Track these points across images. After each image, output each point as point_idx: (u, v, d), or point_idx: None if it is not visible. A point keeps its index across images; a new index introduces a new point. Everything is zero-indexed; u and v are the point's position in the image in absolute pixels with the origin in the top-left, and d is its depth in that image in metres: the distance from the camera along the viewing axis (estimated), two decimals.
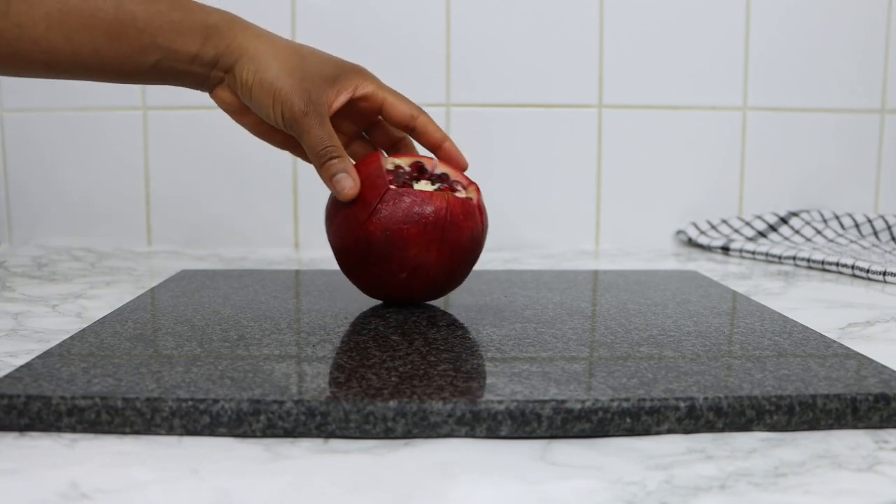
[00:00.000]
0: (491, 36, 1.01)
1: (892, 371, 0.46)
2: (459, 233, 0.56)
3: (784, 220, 1.01)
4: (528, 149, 1.03)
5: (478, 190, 0.60)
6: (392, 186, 0.56)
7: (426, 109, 0.63)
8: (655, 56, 1.03)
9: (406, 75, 1.01)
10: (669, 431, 0.41)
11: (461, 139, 1.02)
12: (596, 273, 0.78)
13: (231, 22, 0.59)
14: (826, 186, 1.07)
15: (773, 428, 0.41)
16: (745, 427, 0.41)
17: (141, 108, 1.01)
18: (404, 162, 0.60)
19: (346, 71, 0.60)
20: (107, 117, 1.01)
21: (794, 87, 1.05)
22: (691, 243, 1.02)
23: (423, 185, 0.59)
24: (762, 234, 1.01)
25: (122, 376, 0.44)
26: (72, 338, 0.52)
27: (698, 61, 1.03)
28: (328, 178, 0.57)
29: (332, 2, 1.00)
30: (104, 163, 1.02)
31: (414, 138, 0.63)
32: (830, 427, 0.41)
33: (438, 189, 0.59)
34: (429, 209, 0.55)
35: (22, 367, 0.45)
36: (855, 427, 0.42)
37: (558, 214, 1.04)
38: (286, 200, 1.02)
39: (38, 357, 0.47)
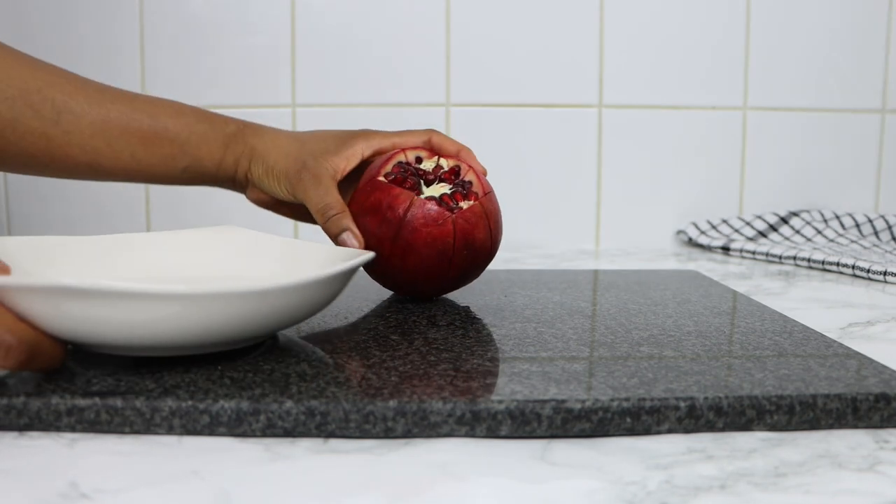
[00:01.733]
0: (491, 36, 1.01)
1: (893, 371, 0.46)
2: (474, 243, 0.59)
3: (784, 220, 1.01)
4: (528, 149, 1.03)
5: (485, 195, 0.61)
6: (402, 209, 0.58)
7: (426, 109, 0.64)
8: (655, 56, 1.03)
9: (406, 75, 1.01)
10: (670, 431, 0.41)
11: (461, 139, 1.02)
12: (596, 273, 0.78)
13: (245, 128, 0.66)
14: (826, 186, 1.07)
15: (773, 428, 0.41)
16: (746, 427, 0.41)
17: None
18: (425, 159, 0.63)
19: (350, 138, 0.64)
20: None
21: (794, 87, 1.05)
22: (691, 243, 1.02)
23: (433, 190, 0.61)
24: (762, 234, 1.01)
25: (121, 376, 0.43)
26: None
27: (698, 61, 1.03)
28: (334, 238, 0.60)
29: (332, 2, 1.00)
30: None
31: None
32: (831, 427, 0.41)
33: (443, 201, 0.60)
34: (440, 239, 0.58)
35: None
36: (855, 427, 0.42)
37: (558, 214, 1.04)
38: None
39: None
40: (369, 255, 0.53)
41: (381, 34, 1.01)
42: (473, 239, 0.58)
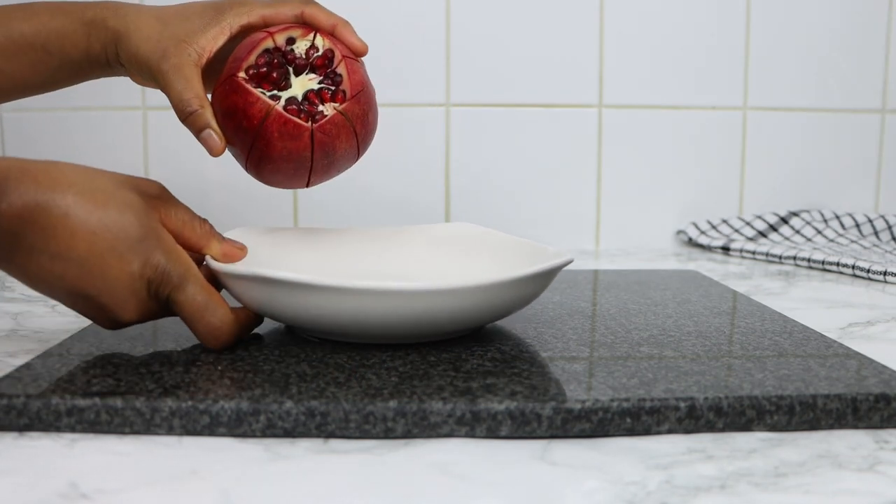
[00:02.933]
0: (491, 36, 1.01)
1: (893, 371, 0.46)
2: (333, 154, 0.56)
3: (784, 220, 1.01)
4: (528, 149, 1.03)
5: (353, 96, 0.57)
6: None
7: (426, 109, 0.63)
8: (655, 56, 1.03)
9: (406, 75, 1.01)
10: (669, 431, 0.41)
11: (461, 139, 1.02)
12: (596, 273, 0.78)
13: (105, 10, 0.60)
14: (826, 186, 1.07)
15: (773, 428, 0.41)
16: (746, 427, 0.41)
17: (141, 108, 1.01)
18: (297, 38, 0.59)
19: (217, 13, 0.59)
20: (107, 117, 1.01)
21: (794, 87, 1.05)
22: (691, 243, 1.02)
23: (299, 84, 0.57)
24: (762, 234, 1.01)
25: (121, 376, 0.43)
26: (71, 338, 0.52)
27: (698, 61, 1.03)
28: (195, 134, 0.57)
29: (332, 3, 1.00)
30: (104, 163, 1.02)
31: None
32: (831, 427, 0.41)
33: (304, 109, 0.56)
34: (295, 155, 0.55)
35: (21, 367, 0.45)
36: (855, 427, 0.42)
37: (558, 214, 1.04)
38: (286, 199, 1.02)
39: (38, 357, 0.47)
40: (568, 259, 0.53)
41: (381, 34, 1.00)
42: (334, 149, 0.56)
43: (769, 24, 1.03)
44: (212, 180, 1.03)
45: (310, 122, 0.55)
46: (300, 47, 0.58)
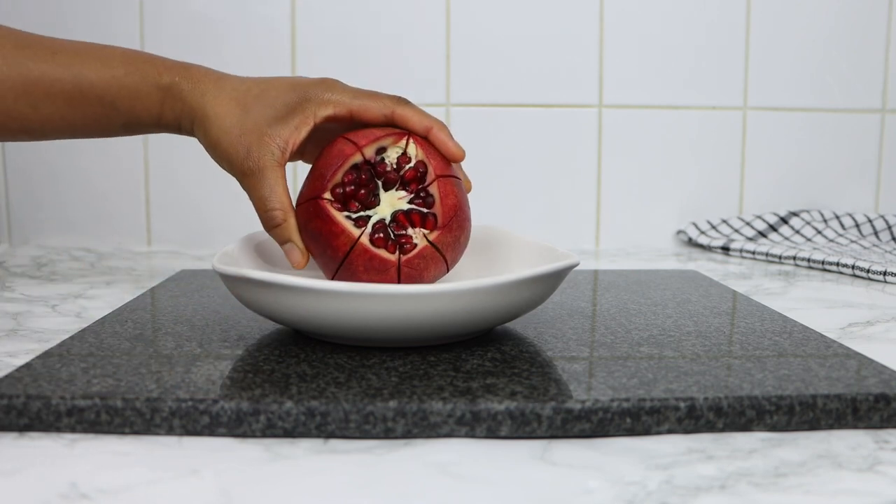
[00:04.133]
0: (491, 36, 1.01)
1: (893, 371, 0.46)
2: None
3: (784, 220, 1.01)
4: (528, 149, 1.03)
5: (444, 225, 0.54)
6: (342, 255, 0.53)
7: (426, 110, 0.61)
8: (655, 56, 1.03)
9: (406, 75, 1.01)
10: (669, 431, 0.41)
11: (461, 139, 1.02)
12: (596, 273, 0.78)
13: (182, 80, 0.59)
14: (826, 186, 1.07)
15: (773, 428, 0.41)
16: (746, 427, 0.41)
17: None
18: (388, 147, 0.55)
19: (301, 101, 0.56)
20: None
21: (793, 87, 1.05)
22: (691, 243, 1.02)
23: (388, 201, 0.54)
24: (762, 234, 1.01)
25: (121, 376, 0.43)
26: (71, 338, 0.52)
27: (698, 61, 1.03)
28: (280, 244, 0.56)
29: (332, 2, 1.00)
30: (104, 163, 1.02)
31: None
32: (831, 427, 0.41)
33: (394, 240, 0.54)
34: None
35: (22, 367, 0.45)
36: (855, 427, 0.42)
37: (558, 214, 1.04)
38: None
39: (38, 357, 0.47)
40: (575, 260, 0.52)
41: (381, 34, 1.01)
42: (422, 279, 0.54)
43: (769, 25, 1.03)
44: (211, 180, 1.03)
45: (397, 253, 0.52)
46: (391, 156, 0.55)
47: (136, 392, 0.41)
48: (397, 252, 0.53)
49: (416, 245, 0.53)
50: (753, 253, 0.93)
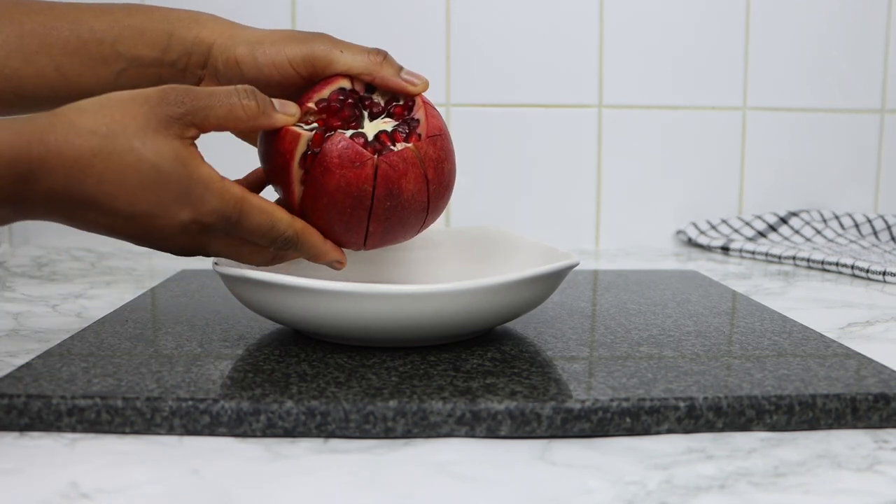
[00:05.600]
0: (491, 36, 1.01)
1: (892, 371, 0.46)
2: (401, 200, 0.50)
3: (784, 220, 1.01)
4: (528, 149, 1.03)
5: (428, 137, 0.51)
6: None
7: None
8: (655, 56, 1.03)
9: None
10: (669, 431, 0.41)
11: (461, 139, 1.02)
12: (596, 273, 0.78)
13: (194, 17, 0.57)
14: (826, 186, 1.07)
15: (772, 428, 0.41)
16: (745, 427, 0.41)
17: None
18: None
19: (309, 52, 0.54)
20: None
21: (793, 87, 1.05)
22: (691, 243, 1.03)
23: (372, 126, 0.52)
24: (762, 234, 1.01)
25: (122, 376, 0.44)
26: (72, 338, 0.52)
27: (698, 61, 1.03)
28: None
29: (332, 2, 1.00)
30: None
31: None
32: (830, 427, 0.41)
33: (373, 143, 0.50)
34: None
35: (22, 366, 0.45)
36: (855, 427, 0.42)
37: (558, 214, 1.04)
38: None
39: (39, 357, 0.47)
40: (575, 260, 0.51)
41: (380, 34, 1.01)
42: (399, 189, 0.48)
43: (768, 25, 1.03)
44: None
45: (375, 155, 0.48)
46: (380, 96, 0.53)
47: (136, 392, 0.41)
48: (376, 155, 0.49)
49: (392, 150, 0.49)
50: (753, 253, 0.93)
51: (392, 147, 0.49)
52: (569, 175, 1.04)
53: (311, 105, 0.50)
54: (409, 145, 0.49)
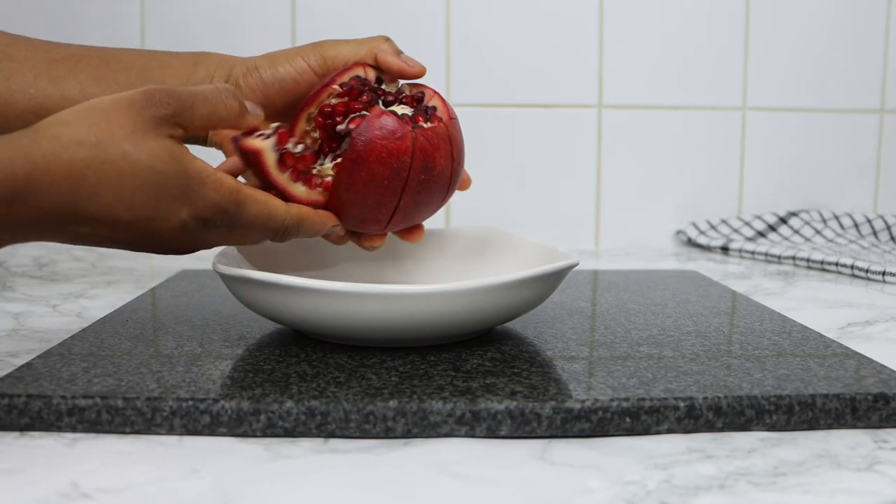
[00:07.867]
0: (491, 36, 1.01)
1: (892, 371, 0.46)
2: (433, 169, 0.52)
3: (783, 220, 1.01)
4: (528, 149, 1.03)
5: (450, 119, 0.54)
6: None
7: None
8: (655, 56, 1.03)
9: None
10: (669, 431, 0.41)
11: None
12: (596, 273, 0.78)
13: (218, 55, 0.59)
14: (825, 186, 1.07)
15: (772, 428, 0.41)
16: (745, 427, 0.41)
17: None
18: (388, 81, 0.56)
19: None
20: None
21: (793, 87, 1.05)
22: (691, 243, 1.03)
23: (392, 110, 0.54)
24: (762, 234, 1.01)
25: (122, 376, 0.44)
26: (72, 338, 0.52)
27: (698, 61, 1.03)
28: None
29: (332, 2, 1.00)
30: None
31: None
32: (830, 427, 0.42)
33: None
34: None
35: (22, 366, 0.45)
36: (854, 427, 0.42)
37: (558, 214, 1.04)
38: None
39: (39, 357, 0.47)
40: (574, 260, 0.51)
41: (380, 34, 1.01)
42: (434, 162, 0.51)
43: (768, 25, 1.03)
44: None
45: (412, 129, 0.51)
46: (390, 87, 0.56)
47: (136, 391, 0.41)
48: (412, 128, 0.51)
49: (424, 127, 0.51)
50: (753, 253, 0.93)
51: (423, 125, 0.52)
52: (569, 175, 1.04)
53: (335, 87, 0.53)
54: (439, 124, 0.52)
